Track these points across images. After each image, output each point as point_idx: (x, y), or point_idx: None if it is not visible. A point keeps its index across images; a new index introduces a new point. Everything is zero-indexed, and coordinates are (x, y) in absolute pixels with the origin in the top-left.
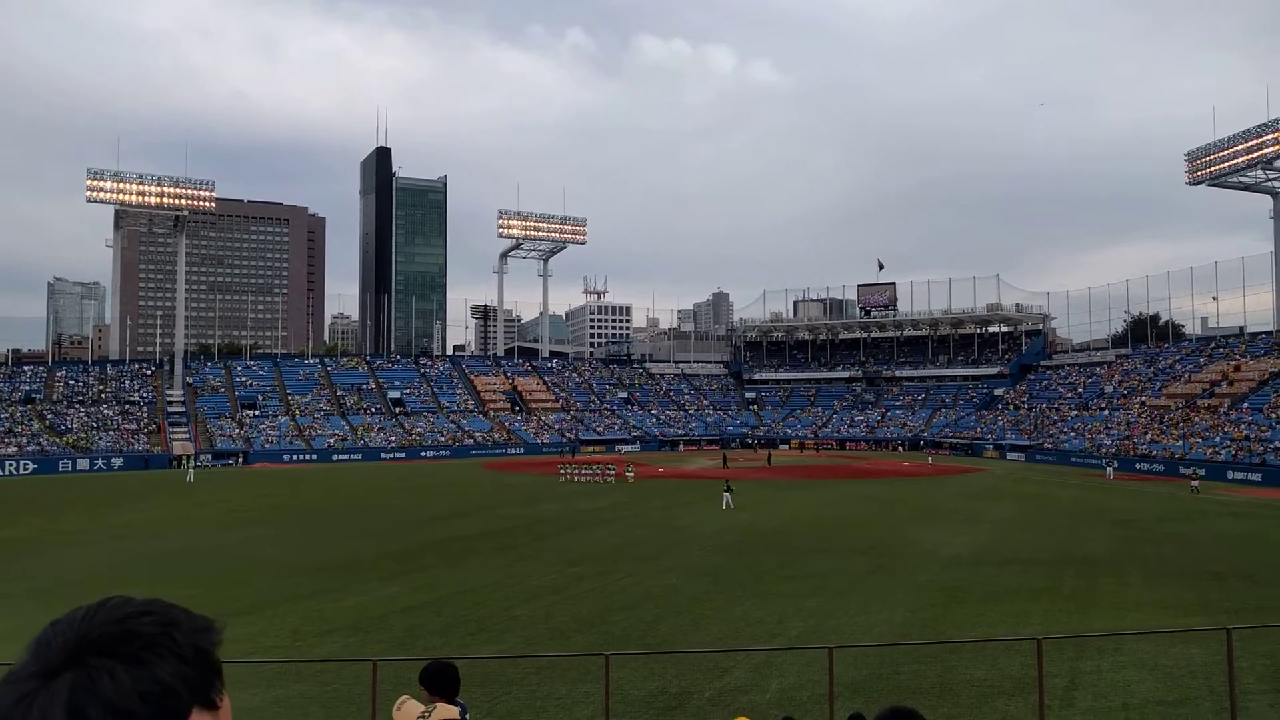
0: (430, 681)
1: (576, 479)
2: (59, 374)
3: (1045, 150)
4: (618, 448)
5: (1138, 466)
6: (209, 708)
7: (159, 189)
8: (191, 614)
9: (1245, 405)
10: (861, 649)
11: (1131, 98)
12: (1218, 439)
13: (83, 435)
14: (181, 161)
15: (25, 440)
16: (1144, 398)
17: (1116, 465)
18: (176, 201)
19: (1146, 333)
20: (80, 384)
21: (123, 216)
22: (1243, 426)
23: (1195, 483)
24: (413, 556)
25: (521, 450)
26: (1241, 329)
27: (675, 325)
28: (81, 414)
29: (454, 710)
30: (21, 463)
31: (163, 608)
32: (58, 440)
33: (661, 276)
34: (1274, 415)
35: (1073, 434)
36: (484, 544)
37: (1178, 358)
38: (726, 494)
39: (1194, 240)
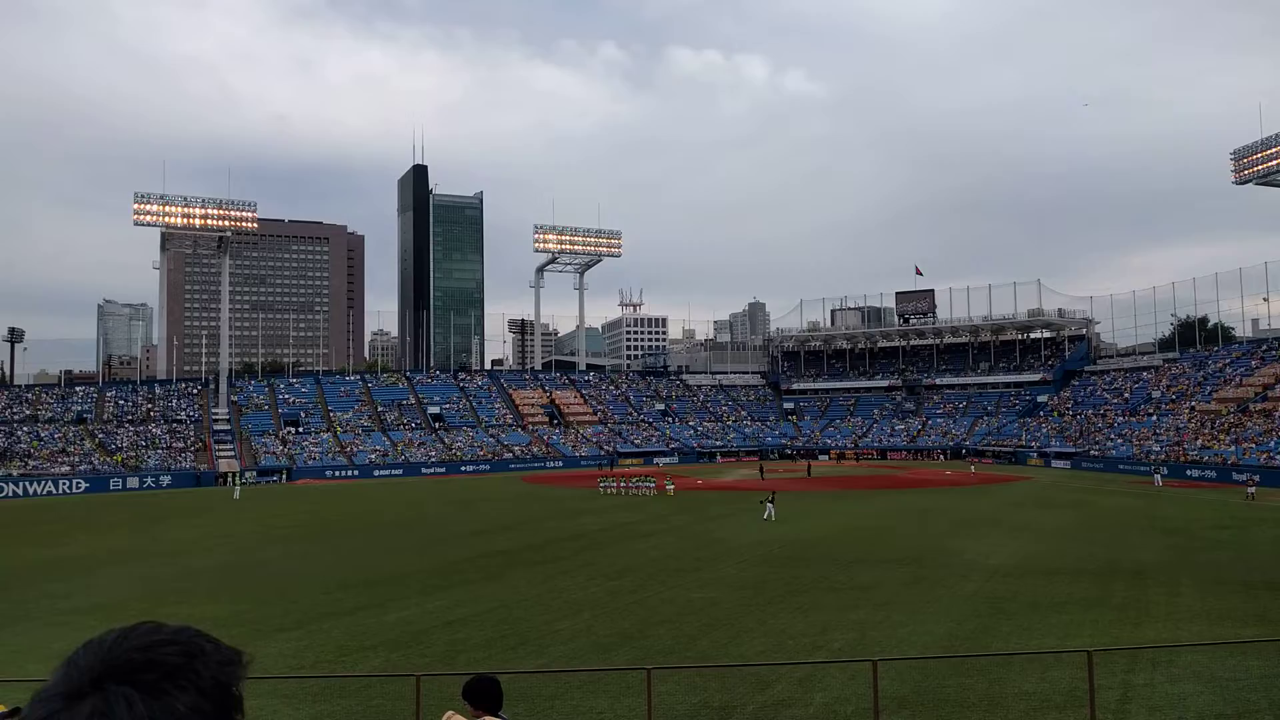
0: (474, 696)
1: (615, 491)
2: (109, 394)
3: (1080, 152)
4: (655, 460)
5: (1189, 473)
6: None
7: (203, 211)
8: (220, 646)
9: None
10: (906, 662)
11: (1165, 97)
12: (1272, 444)
13: (132, 454)
14: (224, 184)
15: (78, 459)
16: (1194, 402)
17: (1166, 472)
18: (220, 223)
19: (1195, 336)
20: (129, 404)
21: (169, 239)
22: None
23: (1252, 489)
24: (454, 571)
25: (560, 464)
26: None
27: (711, 336)
28: (131, 433)
29: None
30: (74, 481)
31: (190, 637)
32: (108, 459)
33: (697, 288)
34: None
35: (1120, 440)
36: (524, 558)
37: (1228, 361)
38: (769, 505)
39: (1241, 240)
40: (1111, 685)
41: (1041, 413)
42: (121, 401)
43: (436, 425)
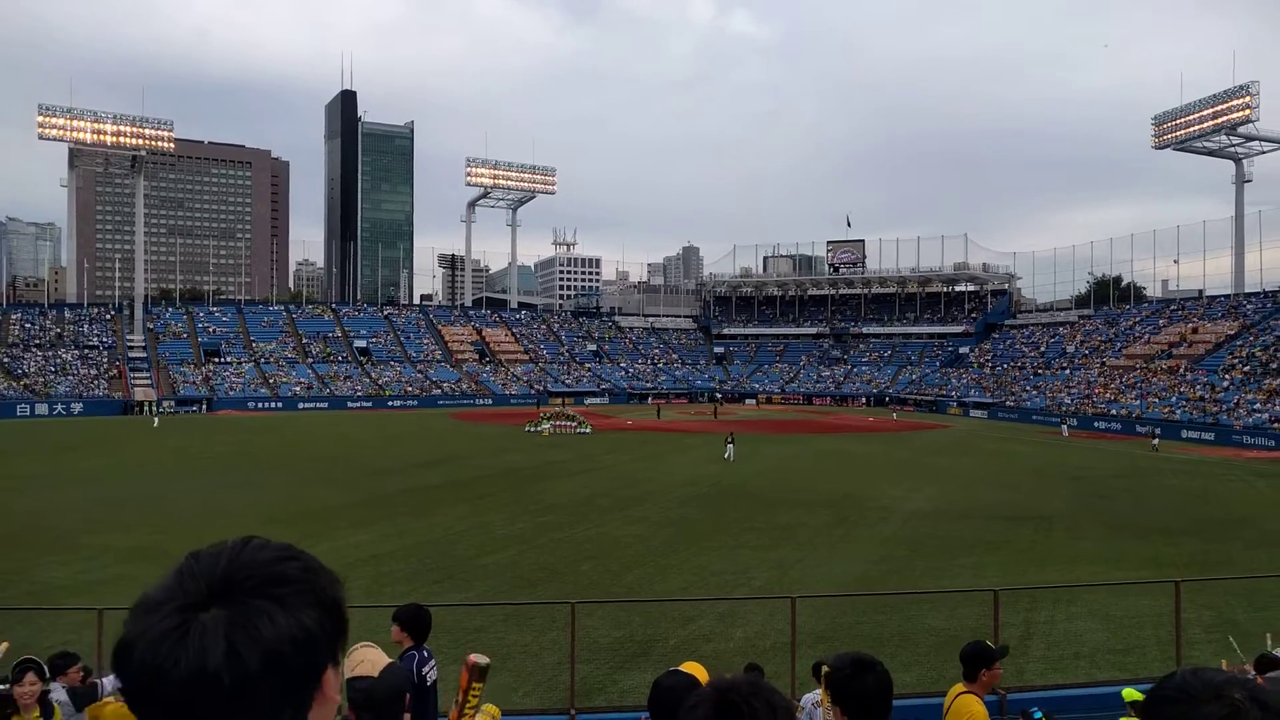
0: (406, 621)
1: (546, 433)
2: (14, 316)
3: (1020, 110)
4: (585, 400)
5: (1096, 425)
6: (334, 663)
7: (115, 127)
8: (322, 564)
9: (1201, 366)
10: (824, 599)
11: (1107, 59)
12: (1174, 399)
13: (40, 379)
14: (138, 100)
15: None
16: (1104, 358)
17: (1074, 423)
18: (133, 141)
19: (1109, 294)
20: (37, 327)
21: (77, 156)
22: (1198, 387)
23: (1156, 441)
24: (380, 505)
25: (490, 401)
26: (1200, 292)
27: (645, 279)
28: (39, 358)
29: (381, 659)
30: None
31: (301, 553)
32: (14, 384)
33: (632, 229)
34: (1228, 377)
35: (1034, 392)
36: (452, 493)
37: (1138, 319)
38: (729, 445)
39: (1159, 203)
40: (1015, 623)
41: (963, 364)
42: (28, 325)
43: (363, 359)
